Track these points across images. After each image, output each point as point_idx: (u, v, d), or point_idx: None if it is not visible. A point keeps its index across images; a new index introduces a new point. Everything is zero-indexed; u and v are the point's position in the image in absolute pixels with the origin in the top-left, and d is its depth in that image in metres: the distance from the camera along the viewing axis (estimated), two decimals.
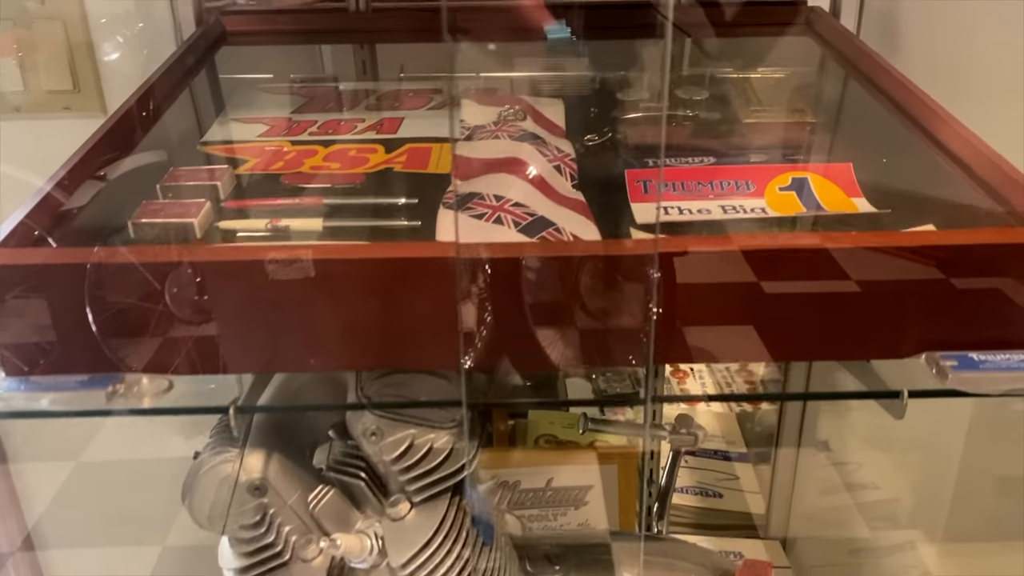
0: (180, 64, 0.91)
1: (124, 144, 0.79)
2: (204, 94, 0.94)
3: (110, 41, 1.02)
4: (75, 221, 0.68)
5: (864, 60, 0.86)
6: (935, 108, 0.75)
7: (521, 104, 0.87)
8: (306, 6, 1.00)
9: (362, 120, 0.88)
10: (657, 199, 0.68)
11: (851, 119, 0.84)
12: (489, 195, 0.69)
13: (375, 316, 0.53)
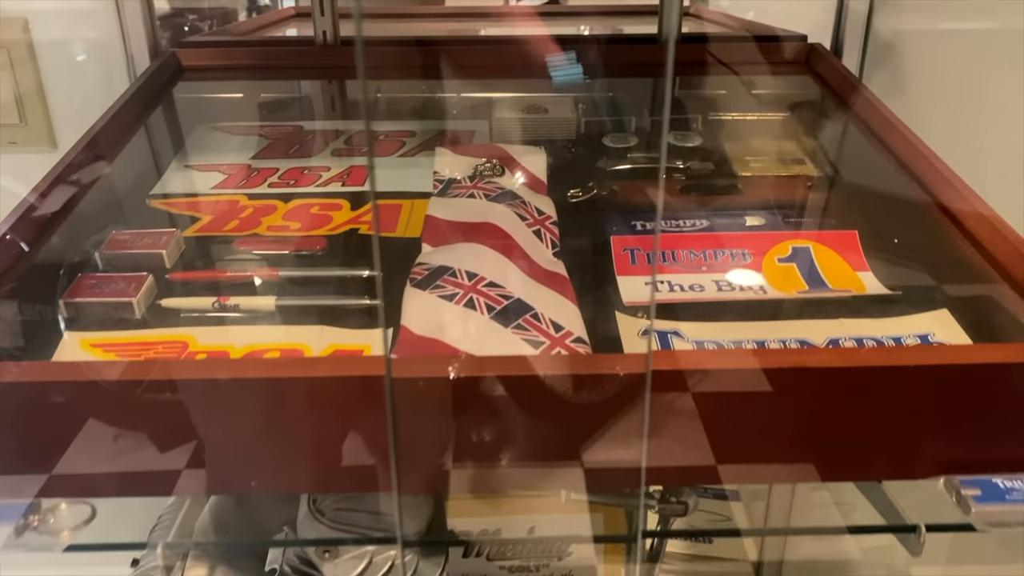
0: (133, 102, 0.84)
1: (70, 197, 0.72)
2: (160, 134, 0.87)
3: (59, 72, 0.95)
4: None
5: (869, 111, 0.80)
6: (943, 171, 0.69)
7: (499, 155, 0.80)
8: (269, 39, 0.93)
9: (327, 168, 0.81)
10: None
11: (854, 176, 0.77)
12: (461, 271, 0.62)
13: (307, 436, 0.47)
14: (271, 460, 0.48)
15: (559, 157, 0.82)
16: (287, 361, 0.53)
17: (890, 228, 0.69)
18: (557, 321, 0.58)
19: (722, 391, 0.45)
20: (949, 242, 0.66)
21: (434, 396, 0.45)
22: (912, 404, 0.47)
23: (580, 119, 0.88)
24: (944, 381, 0.46)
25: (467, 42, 0.96)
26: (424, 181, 0.79)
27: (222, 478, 0.48)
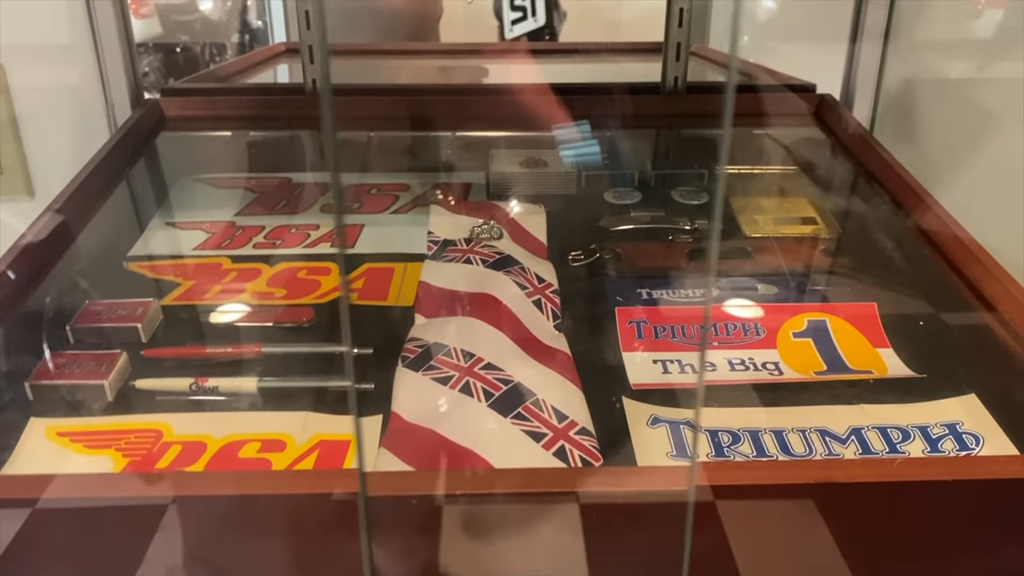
0: (114, 154, 0.80)
1: (45, 260, 0.68)
2: (142, 187, 0.83)
3: (37, 121, 0.91)
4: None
5: (882, 169, 0.77)
6: (963, 238, 0.65)
7: (497, 215, 0.76)
8: (257, 87, 0.89)
9: (316, 227, 0.77)
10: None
11: (868, 239, 0.74)
12: (457, 351, 0.58)
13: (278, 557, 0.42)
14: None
15: (559, 215, 0.78)
16: (257, 475, 0.49)
17: (909, 299, 0.65)
18: (560, 409, 0.54)
19: (748, 508, 0.41)
20: (972, 316, 0.62)
21: (418, 517, 0.40)
22: (948, 520, 0.43)
23: (580, 172, 0.84)
24: (982, 496, 0.42)
25: (463, 91, 0.93)
26: (418, 242, 0.75)
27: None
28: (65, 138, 0.92)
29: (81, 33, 0.86)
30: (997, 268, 0.61)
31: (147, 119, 0.85)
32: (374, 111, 0.87)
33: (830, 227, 0.76)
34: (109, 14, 0.84)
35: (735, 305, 0.65)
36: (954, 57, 0.92)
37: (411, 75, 1.24)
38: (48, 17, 0.88)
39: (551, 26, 2.35)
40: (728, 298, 0.67)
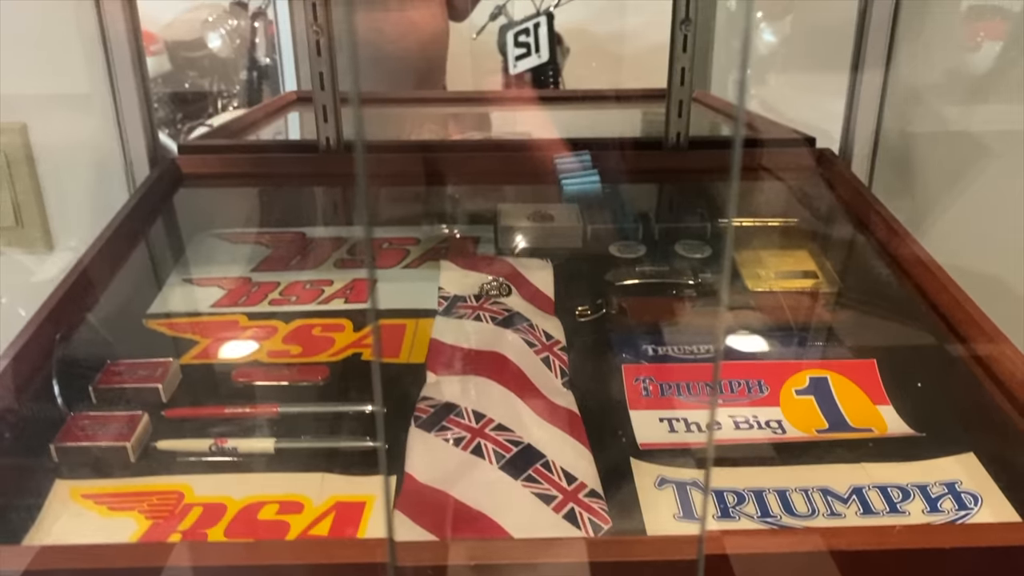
0: (134, 214, 0.82)
1: (68, 319, 0.70)
2: (160, 243, 0.85)
3: (56, 176, 0.94)
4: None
5: (881, 226, 0.79)
6: (958, 297, 0.67)
7: (506, 271, 0.78)
8: (272, 144, 0.91)
9: (330, 283, 0.80)
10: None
11: (867, 294, 0.76)
12: (468, 411, 0.60)
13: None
14: None
15: (566, 269, 0.80)
16: (275, 545, 0.50)
17: (906, 357, 0.67)
18: (569, 471, 0.56)
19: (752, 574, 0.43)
20: (967, 375, 0.64)
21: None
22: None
23: (586, 226, 0.87)
24: (982, 564, 0.43)
25: (471, 148, 0.95)
26: (428, 297, 0.77)
27: None
28: (83, 191, 0.95)
29: (100, 87, 0.89)
30: (992, 328, 0.62)
31: (165, 176, 0.87)
32: (387, 168, 0.90)
33: (830, 281, 0.78)
34: (128, 71, 0.87)
35: (739, 363, 0.67)
36: (949, 111, 0.94)
37: (419, 125, 1.27)
38: (68, 74, 0.91)
39: (554, 62, 2.39)
40: (733, 354, 0.68)
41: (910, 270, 0.75)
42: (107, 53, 0.88)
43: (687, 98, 0.90)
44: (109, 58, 0.88)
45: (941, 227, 0.90)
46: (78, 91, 0.90)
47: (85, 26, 0.87)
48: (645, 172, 0.92)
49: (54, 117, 0.91)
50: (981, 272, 0.87)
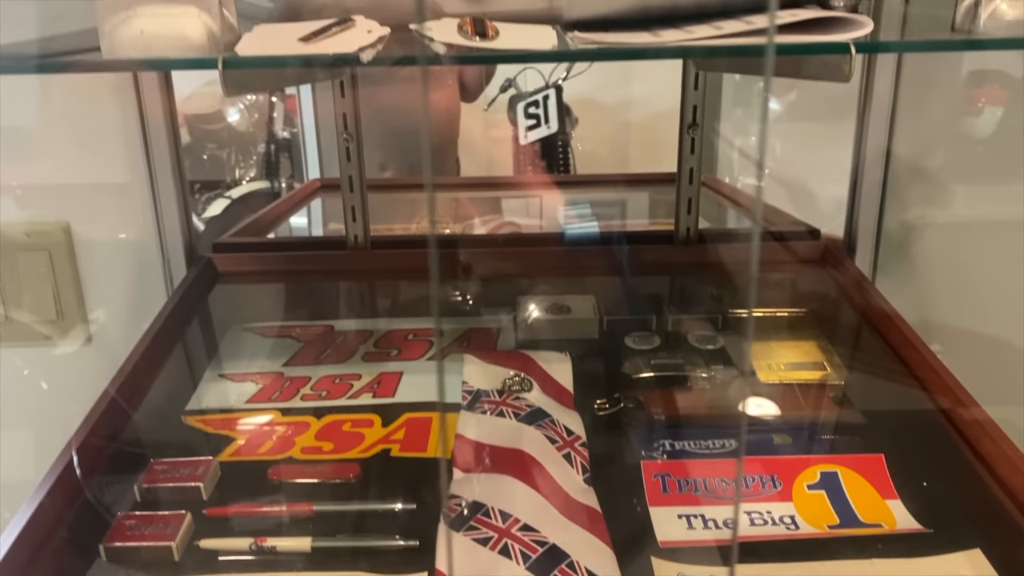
0: (174, 312, 0.86)
1: (118, 415, 0.74)
2: (195, 339, 0.89)
3: (96, 271, 0.99)
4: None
5: (885, 321, 0.82)
6: (963, 398, 0.70)
7: (526, 365, 0.82)
8: (302, 241, 0.96)
9: (358, 376, 0.83)
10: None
11: (873, 387, 0.79)
12: (495, 511, 0.63)
13: None
14: None
15: (584, 362, 0.84)
16: None
17: (912, 451, 0.70)
18: (593, 571, 0.58)
19: None
20: (971, 472, 0.66)
21: None
22: None
23: (602, 318, 0.90)
24: None
25: (490, 243, 1.00)
26: (453, 390, 0.80)
27: None
28: (122, 284, 0.99)
29: (139, 178, 0.94)
30: (994, 429, 0.65)
31: (201, 275, 0.92)
32: (409, 262, 0.94)
33: (838, 373, 0.81)
34: (167, 164, 0.93)
35: (753, 458, 0.70)
36: (947, 202, 0.98)
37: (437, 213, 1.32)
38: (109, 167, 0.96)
39: (563, 132, 2.46)
40: (748, 449, 0.71)
41: (912, 366, 0.78)
42: (147, 147, 0.93)
43: (696, 196, 0.95)
44: (149, 152, 0.93)
45: (942, 315, 0.94)
46: (118, 180, 0.95)
47: (127, 118, 0.93)
48: (657, 265, 0.96)
49: (96, 214, 0.97)
50: (981, 360, 0.91)
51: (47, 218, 0.96)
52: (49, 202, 0.96)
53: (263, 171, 3.14)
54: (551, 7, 0.57)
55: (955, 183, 0.98)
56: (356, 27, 0.53)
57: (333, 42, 0.51)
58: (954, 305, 0.93)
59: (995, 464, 0.63)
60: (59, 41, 0.59)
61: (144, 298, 0.99)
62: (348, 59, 0.49)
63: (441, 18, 0.55)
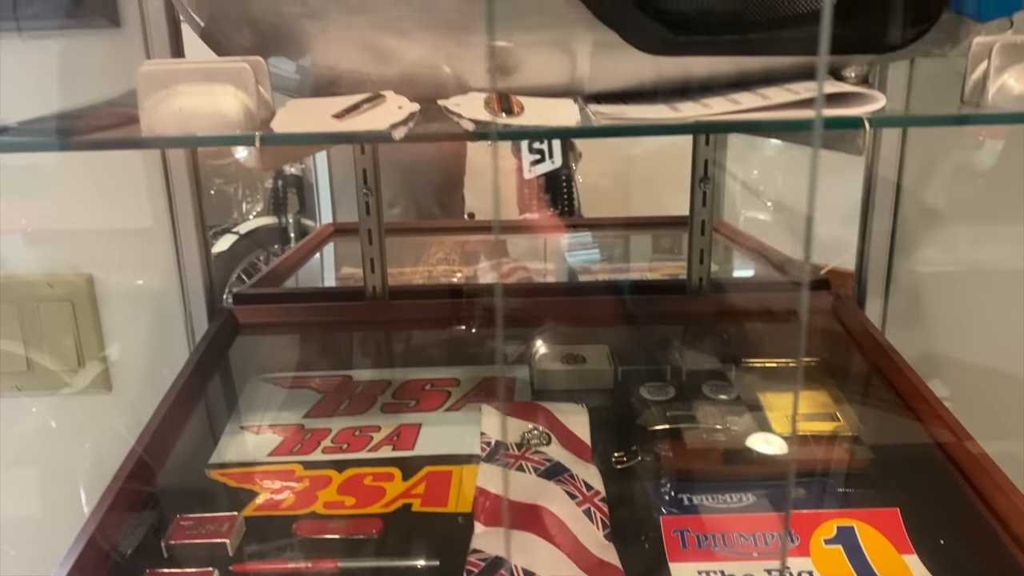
0: (198, 366, 0.88)
1: (145, 471, 0.75)
2: (217, 392, 0.91)
3: (118, 319, 1.00)
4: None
5: (895, 373, 0.83)
6: (975, 452, 0.72)
7: (544, 418, 0.83)
8: (321, 292, 0.98)
9: (377, 428, 0.84)
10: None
11: (886, 438, 0.80)
12: (518, 568, 0.64)
13: None
14: None
15: (600, 414, 0.85)
16: None
17: (927, 505, 0.70)
18: None
19: None
20: (984, 527, 0.67)
21: None
22: None
23: (616, 368, 0.92)
24: None
25: (505, 290, 1.02)
26: (472, 441, 0.81)
27: None
28: (144, 338, 1.01)
29: (163, 239, 0.96)
30: (1007, 483, 0.66)
31: (223, 327, 0.94)
32: (424, 312, 0.96)
33: (850, 424, 0.82)
34: (191, 229, 0.95)
35: (771, 514, 0.71)
36: (955, 249, 1.00)
37: (443, 256, 1.34)
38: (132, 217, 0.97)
39: (568, 166, 2.48)
40: (765, 503, 0.72)
41: (923, 417, 0.79)
42: (169, 193, 0.95)
43: (708, 247, 0.96)
44: (171, 198, 0.95)
45: (951, 364, 0.95)
46: (140, 226, 0.97)
47: (150, 162, 0.95)
48: (670, 315, 0.98)
49: (118, 261, 0.98)
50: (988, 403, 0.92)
51: (69, 266, 0.98)
52: (71, 248, 0.98)
53: (270, 206, 3.16)
54: (572, 81, 0.59)
55: (961, 225, 1.00)
56: (386, 103, 0.55)
57: (365, 119, 0.53)
58: (961, 352, 0.94)
59: (1008, 520, 0.64)
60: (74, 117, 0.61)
61: (164, 346, 1.01)
62: (381, 136, 0.51)
63: (467, 92, 0.57)
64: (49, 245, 0.98)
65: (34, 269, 0.98)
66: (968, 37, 0.62)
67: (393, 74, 0.58)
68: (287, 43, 0.59)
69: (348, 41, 0.58)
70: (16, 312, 0.98)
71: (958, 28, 0.61)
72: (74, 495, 1.03)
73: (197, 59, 0.54)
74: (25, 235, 0.99)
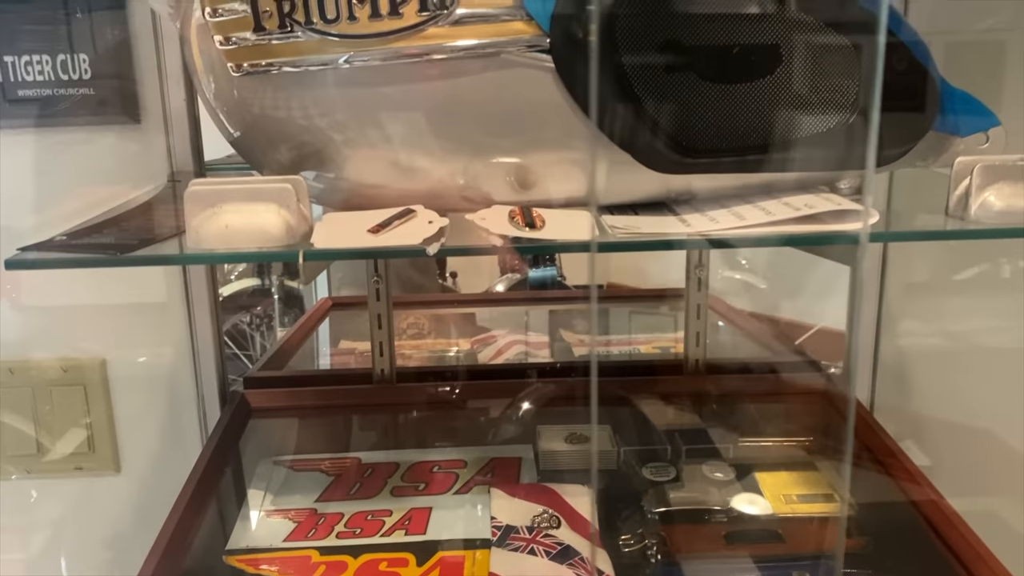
0: (215, 455, 0.90)
1: (173, 560, 0.76)
2: (231, 475, 0.93)
3: (130, 404, 1.02)
4: None
5: (885, 454, 0.87)
6: (967, 537, 0.75)
7: (552, 500, 0.86)
8: (330, 375, 1.01)
9: (389, 513, 0.87)
10: None
11: (878, 520, 0.83)
12: None
13: None
14: None
15: (605, 494, 0.88)
16: None
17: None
18: None
19: None
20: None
21: None
22: None
23: (619, 448, 0.95)
24: None
25: (506, 372, 1.05)
26: (483, 525, 0.84)
27: None
28: (155, 420, 1.03)
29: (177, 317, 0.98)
30: (995, 563, 0.70)
31: (236, 412, 0.96)
32: (428, 395, 0.99)
33: (848, 505, 0.86)
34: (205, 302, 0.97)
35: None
36: (936, 325, 1.05)
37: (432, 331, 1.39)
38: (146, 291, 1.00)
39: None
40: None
41: (913, 498, 0.83)
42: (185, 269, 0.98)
43: (703, 330, 1.01)
44: (187, 275, 0.98)
45: (938, 442, 1.00)
46: (156, 300, 0.99)
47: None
48: (668, 395, 1.01)
49: (131, 344, 1.01)
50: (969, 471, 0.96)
51: (82, 348, 1.00)
52: (86, 325, 1.00)
53: (254, 267, 3.17)
54: (587, 194, 0.63)
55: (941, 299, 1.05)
56: (417, 217, 0.59)
57: (399, 233, 0.57)
58: (947, 428, 0.99)
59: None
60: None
61: (174, 427, 1.03)
62: (415, 251, 0.55)
63: (491, 206, 0.61)
64: (64, 324, 1.00)
65: (49, 351, 1.00)
66: (948, 150, 0.68)
67: (420, 188, 0.62)
68: (318, 158, 0.63)
69: (377, 159, 0.62)
70: (30, 396, 1.00)
71: (939, 143, 0.67)
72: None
73: (241, 179, 0.58)
74: (41, 312, 1.01)
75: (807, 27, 0.58)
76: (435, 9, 0.55)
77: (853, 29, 0.58)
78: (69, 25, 0.91)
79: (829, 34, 0.58)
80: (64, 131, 0.93)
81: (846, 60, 0.58)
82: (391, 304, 0.97)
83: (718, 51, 0.57)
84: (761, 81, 0.58)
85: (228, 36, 0.59)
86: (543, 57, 0.56)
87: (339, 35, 0.55)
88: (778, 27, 0.58)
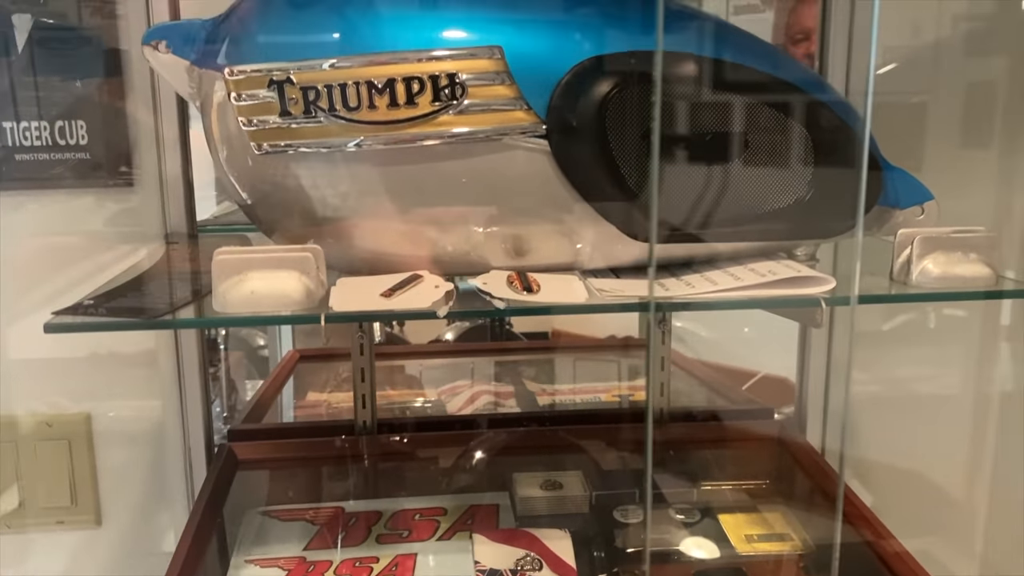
0: (207, 508, 0.92)
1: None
2: (220, 526, 0.95)
3: (114, 458, 1.04)
4: None
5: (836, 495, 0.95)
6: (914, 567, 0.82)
7: (532, 544, 0.91)
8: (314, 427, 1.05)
9: (376, 560, 0.91)
10: None
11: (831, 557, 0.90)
12: None
13: None
14: None
15: (581, 536, 0.93)
16: None
17: None
18: None
19: None
20: None
21: None
22: None
23: (591, 493, 1.01)
24: None
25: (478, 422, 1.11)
26: (467, 569, 0.88)
27: None
28: (138, 474, 1.05)
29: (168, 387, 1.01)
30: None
31: (225, 468, 0.99)
32: (411, 446, 1.04)
33: (803, 544, 0.93)
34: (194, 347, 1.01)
35: None
36: (879, 375, 1.14)
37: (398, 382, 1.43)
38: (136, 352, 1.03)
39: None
40: None
41: (865, 535, 0.90)
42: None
43: (667, 381, 1.08)
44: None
45: (883, 485, 1.08)
46: (146, 347, 1.01)
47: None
48: (633, 443, 1.08)
49: (119, 409, 1.03)
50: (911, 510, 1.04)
51: (68, 400, 1.02)
52: (71, 379, 1.02)
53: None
54: (575, 261, 0.70)
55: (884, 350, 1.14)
56: (424, 282, 0.65)
57: (410, 297, 0.63)
58: (893, 475, 1.07)
59: None
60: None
61: (157, 478, 1.05)
62: (426, 314, 0.61)
63: (489, 271, 0.68)
64: (49, 377, 1.02)
65: (33, 405, 1.02)
66: (889, 221, 0.76)
67: (424, 255, 0.68)
68: (328, 228, 0.69)
69: (385, 230, 0.68)
70: (13, 451, 1.01)
71: (881, 215, 0.75)
72: None
73: (264, 248, 0.63)
74: (25, 365, 1.02)
75: (773, 120, 0.66)
76: (446, 100, 0.61)
77: (814, 122, 0.66)
78: (68, 92, 0.95)
79: (792, 127, 0.66)
80: (58, 193, 0.97)
81: (804, 148, 0.67)
82: (374, 358, 1.02)
83: (692, 138, 0.65)
84: (730, 164, 0.66)
85: (251, 119, 0.64)
86: (540, 142, 0.64)
87: (359, 121, 0.62)
88: (746, 117, 0.66)
